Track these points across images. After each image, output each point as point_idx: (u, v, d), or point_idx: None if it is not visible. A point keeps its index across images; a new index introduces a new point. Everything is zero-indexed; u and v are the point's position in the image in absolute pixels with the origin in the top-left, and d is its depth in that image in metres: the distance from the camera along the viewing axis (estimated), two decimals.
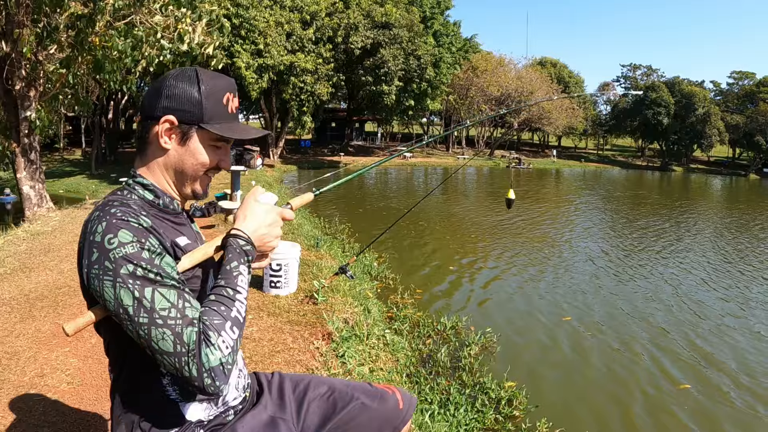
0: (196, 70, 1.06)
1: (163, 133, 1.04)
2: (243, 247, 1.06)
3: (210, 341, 0.94)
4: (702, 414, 4.10)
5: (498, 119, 40.28)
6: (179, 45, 6.68)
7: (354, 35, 25.38)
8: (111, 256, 0.92)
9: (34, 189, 8.00)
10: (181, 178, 1.09)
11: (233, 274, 1.03)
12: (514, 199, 3.63)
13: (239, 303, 1.01)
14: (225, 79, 1.09)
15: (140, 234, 0.95)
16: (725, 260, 9.81)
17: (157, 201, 1.08)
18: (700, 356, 5.19)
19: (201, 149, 1.07)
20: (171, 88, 1.04)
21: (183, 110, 1.03)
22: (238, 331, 0.99)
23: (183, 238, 1.09)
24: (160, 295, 0.93)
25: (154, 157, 1.08)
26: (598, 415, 4.01)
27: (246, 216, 1.10)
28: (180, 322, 0.93)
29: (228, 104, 1.08)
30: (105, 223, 0.94)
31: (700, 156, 54.73)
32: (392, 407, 1.31)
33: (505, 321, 5.84)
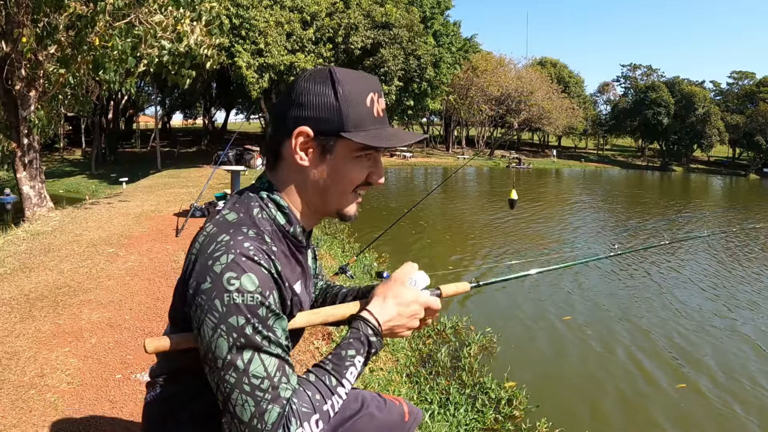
0: (330, 70, 0.91)
1: (298, 147, 0.91)
2: (369, 337, 0.93)
3: (290, 428, 0.82)
4: (702, 413, 4.11)
5: (498, 119, 40.31)
6: (178, 45, 6.68)
7: (354, 35, 25.39)
8: (225, 299, 0.81)
9: (34, 189, 8.00)
10: (324, 199, 0.95)
11: (345, 363, 0.90)
12: (516, 199, 3.64)
13: (337, 397, 0.89)
14: (367, 78, 0.95)
15: (265, 285, 0.84)
16: (725, 260, 9.82)
17: (288, 228, 0.95)
18: (699, 355, 5.19)
19: (346, 163, 0.93)
20: (303, 94, 0.89)
21: (319, 119, 0.89)
22: (322, 425, 0.87)
23: (299, 283, 0.98)
24: (259, 360, 0.82)
25: (290, 176, 0.94)
26: (598, 414, 4.01)
27: (387, 299, 0.96)
28: (268, 398, 0.82)
29: (373, 106, 0.93)
30: (232, 256, 0.82)
31: (700, 156, 54.76)
32: (398, 419, 1.31)
33: (505, 321, 5.84)
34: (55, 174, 18.58)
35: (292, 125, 0.90)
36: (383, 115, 0.95)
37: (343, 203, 0.97)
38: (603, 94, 58.63)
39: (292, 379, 0.86)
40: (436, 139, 47.72)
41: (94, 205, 8.59)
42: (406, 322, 0.97)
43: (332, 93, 0.88)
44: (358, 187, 0.97)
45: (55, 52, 7.26)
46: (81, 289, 3.92)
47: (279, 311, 0.86)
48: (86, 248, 5.27)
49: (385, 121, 0.96)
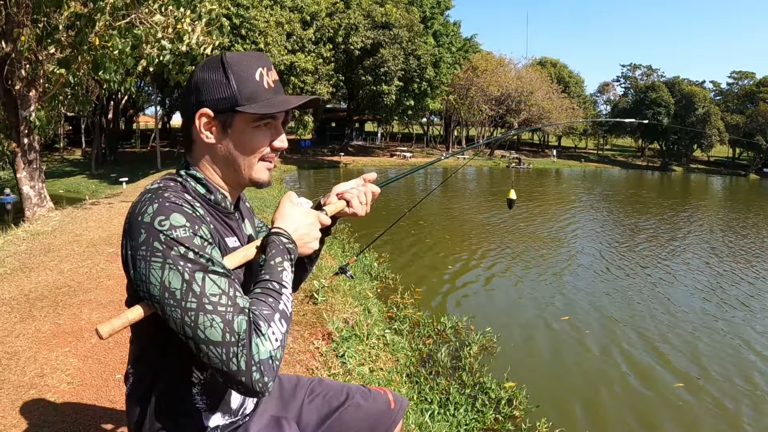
0: (221, 55, 1.00)
1: (202, 127, 0.99)
2: (286, 244, 1.02)
3: (261, 331, 0.88)
4: (700, 412, 4.11)
5: (498, 119, 40.32)
6: (179, 45, 6.68)
7: (354, 35, 25.39)
8: (161, 237, 0.87)
9: (34, 189, 8.00)
10: (234, 169, 1.04)
11: (278, 269, 0.98)
12: (515, 199, 3.61)
13: (286, 297, 0.96)
14: (255, 56, 1.02)
15: (193, 221, 0.91)
16: (723, 260, 9.82)
17: (209, 196, 1.03)
18: (698, 354, 5.19)
19: (246, 135, 1.01)
20: (199, 81, 0.99)
21: (216, 99, 0.98)
22: (286, 324, 0.94)
23: (232, 239, 1.05)
24: (211, 281, 0.88)
25: (202, 154, 1.03)
26: (598, 414, 4.01)
27: (284, 217, 1.06)
28: (231, 309, 0.87)
29: (263, 80, 1.00)
30: (157, 204, 0.90)
31: (700, 156, 54.75)
32: (384, 407, 1.34)
33: (505, 321, 5.84)
34: (55, 174, 18.58)
35: (195, 109, 0.99)
36: (275, 86, 1.02)
37: (253, 171, 1.04)
38: (603, 94, 58.64)
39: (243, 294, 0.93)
40: (436, 139, 47.71)
41: (94, 205, 8.59)
42: (309, 230, 1.07)
43: (224, 75, 0.97)
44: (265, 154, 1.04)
45: (55, 51, 7.26)
46: (81, 289, 3.92)
47: (212, 242, 0.93)
48: (86, 248, 5.27)
49: (277, 91, 1.03)
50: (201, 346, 0.86)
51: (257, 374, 0.86)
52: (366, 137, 44.39)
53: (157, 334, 0.96)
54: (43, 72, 7.47)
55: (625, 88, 55.95)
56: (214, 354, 0.86)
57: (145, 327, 0.96)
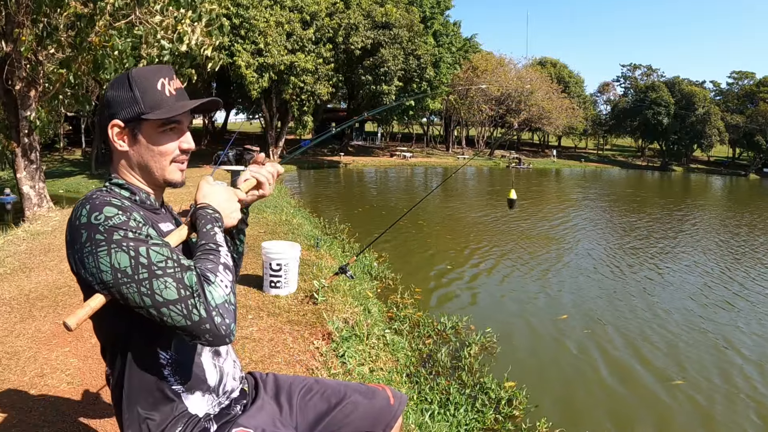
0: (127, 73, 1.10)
1: (115, 137, 1.09)
2: (212, 214, 1.12)
3: (210, 280, 0.98)
4: (699, 410, 4.11)
5: (498, 119, 40.31)
6: (179, 46, 6.68)
7: (354, 35, 25.37)
8: (101, 229, 0.95)
9: (34, 189, 8.00)
10: (149, 173, 1.13)
11: (211, 233, 1.08)
12: (515, 199, 3.64)
13: (225, 252, 1.06)
14: (156, 68, 1.12)
15: (125, 209, 0.99)
16: (722, 258, 9.82)
17: (134, 197, 1.12)
18: (698, 352, 5.19)
19: (153, 140, 1.10)
20: (109, 97, 1.10)
21: (124, 110, 1.08)
22: (231, 274, 1.03)
23: (165, 224, 1.16)
24: (154, 251, 0.96)
25: (119, 161, 1.13)
26: (598, 414, 4.01)
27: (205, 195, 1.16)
28: (178, 269, 0.96)
29: (164, 89, 1.10)
30: (88, 206, 0.98)
31: (700, 156, 54.75)
32: (384, 404, 1.35)
33: (506, 321, 5.84)
34: (55, 174, 18.57)
35: (107, 122, 1.09)
36: (176, 93, 1.12)
37: (166, 173, 1.13)
38: (603, 94, 58.63)
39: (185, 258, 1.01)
40: (436, 139, 47.70)
41: None
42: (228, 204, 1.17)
43: (129, 88, 1.08)
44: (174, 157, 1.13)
45: (55, 51, 7.26)
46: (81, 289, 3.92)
47: (146, 223, 1.01)
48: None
49: (180, 97, 1.12)
50: (162, 309, 0.94)
51: (218, 318, 0.95)
52: (366, 137, 44.38)
53: (118, 325, 1.04)
54: (43, 72, 7.47)
55: (625, 88, 55.96)
56: (176, 311, 0.94)
57: (106, 321, 1.04)
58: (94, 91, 10.64)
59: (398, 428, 1.38)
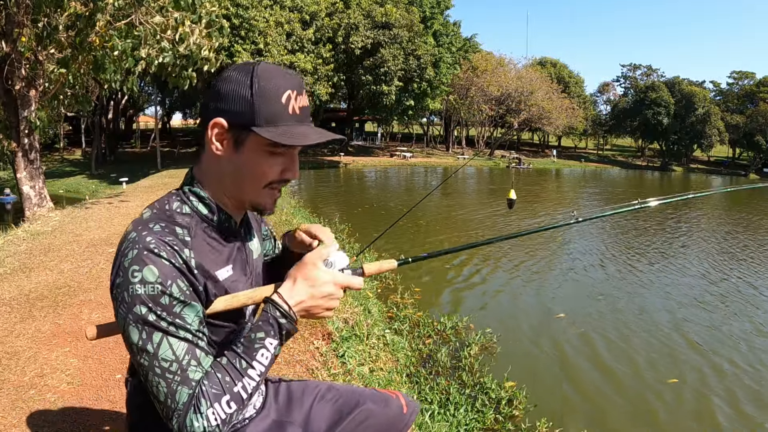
0: (254, 65, 0.93)
1: (213, 138, 0.93)
2: (278, 319, 0.94)
3: (199, 409, 0.88)
4: (694, 408, 4.11)
5: (498, 119, 40.32)
6: (179, 47, 6.68)
7: (354, 35, 25.39)
8: (130, 290, 0.87)
9: (34, 189, 8.00)
10: (239, 190, 0.98)
11: (255, 345, 0.92)
12: (515, 199, 3.61)
13: (248, 379, 0.92)
14: (288, 75, 0.95)
15: (167, 276, 0.88)
16: (720, 258, 9.82)
17: (212, 217, 0.98)
18: (699, 351, 5.19)
19: (257, 157, 0.94)
20: (224, 85, 0.92)
21: (234, 111, 0.91)
22: (235, 407, 0.91)
23: (225, 269, 0.99)
24: (167, 344, 0.88)
25: (209, 165, 0.98)
26: (598, 414, 4.01)
27: (298, 282, 0.96)
28: (177, 379, 0.88)
29: (289, 103, 0.93)
30: (137, 251, 0.87)
31: (700, 156, 54.76)
32: (397, 411, 1.32)
33: (506, 320, 5.84)
34: (55, 174, 18.57)
35: (211, 116, 0.93)
36: (300, 113, 0.95)
37: (257, 197, 0.98)
38: (603, 94, 58.64)
39: (204, 362, 0.91)
40: (436, 139, 47.70)
41: (94, 205, 8.59)
42: (321, 303, 0.97)
43: (248, 86, 0.90)
44: (272, 182, 0.97)
45: (55, 51, 7.26)
46: (81, 289, 3.92)
47: (186, 299, 0.90)
48: (86, 248, 5.27)
49: (302, 119, 0.96)
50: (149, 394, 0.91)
51: None
52: (366, 137, 44.39)
53: None
54: (43, 72, 7.48)
55: (625, 88, 55.96)
56: (156, 406, 0.90)
57: None
58: (93, 91, 10.65)
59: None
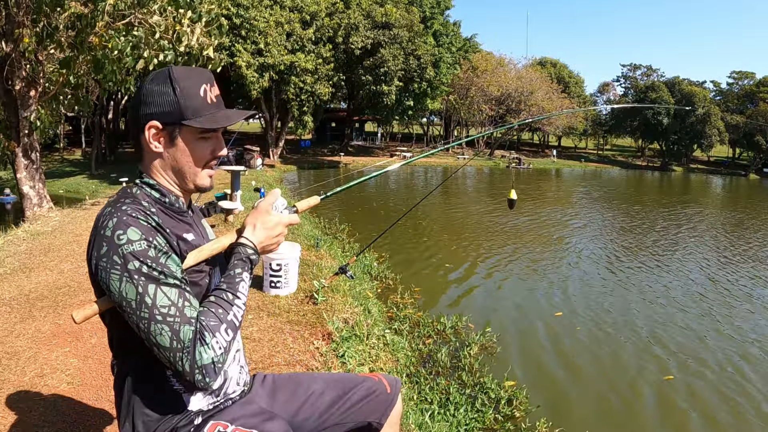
0: (169, 70, 1.07)
1: (151, 138, 1.08)
2: (250, 255, 1.12)
3: (205, 340, 0.99)
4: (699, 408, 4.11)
5: (498, 119, 40.29)
6: (178, 46, 6.68)
7: (354, 35, 25.38)
8: (120, 251, 0.97)
9: (34, 189, 7.99)
10: (181, 176, 1.13)
11: (236, 280, 1.08)
12: (515, 199, 3.61)
13: (237, 308, 1.06)
14: (199, 72, 1.11)
15: (148, 232, 1.00)
16: (713, 257, 9.82)
17: (164, 199, 1.12)
18: (696, 350, 5.20)
19: (191, 145, 1.10)
20: (148, 94, 1.06)
21: (163, 113, 1.06)
22: (232, 333, 1.04)
23: (190, 234, 1.14)
24: (162, 293, 0.98)
25: (152, 161, 1.12)
26: (598, 414, 4.02)
27: (257, 225, 1.15)
28: (178, 320, 0.98)
29: (206, 95, 1.09)
30: (116, 219, 0.99)
31: (700, 156, 54.72)
32: (381, 393, 1.39)
33: (506, 320, 5.84)
34: (55, 174, 18.56)
35: (144, 121, 1.07)
36: (216, 101, 1.12)
37: (197, 178, 1.14)
38: (603, 94, 58.56)
39: (193, 302, 1.02)
40: (436, 139, 47.67)
41: (94, 205, 8.59)
42: (275, 240, 1.17)
43: (171, 90, 1.05)
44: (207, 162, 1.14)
45: (55, 52, 7.25)
46: (81, 289, 3.92)
47: (168, 251, 1.02)
48: (86, 248, 5.26)
49: (219, 106, 1.12)
50: (153, 348, 0.99)
51: (200, 376, 0.99)
52: (366, 137, 44.35)
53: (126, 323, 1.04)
54: (43, 72, 7.47)
55: (625, 88, 55.87)
56: (164, 356, 0.98)
57: (116, 318, 1.06)
58: (94, 91, 10.65)
59: (398, 413, 1.43)
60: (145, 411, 1.09)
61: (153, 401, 1.09)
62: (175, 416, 1.11)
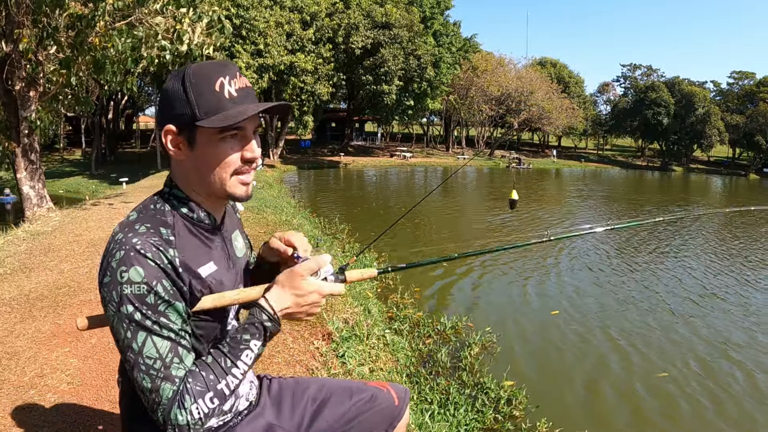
0: (185, 68, 0.97)
1: (169, 144, 0.98)
2: (264, 323, 0.99)
3: (183, 404, 0.92)
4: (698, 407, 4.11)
5: (498, 119, 40.30)
6: (178, 46, 6.68)
7: (354, 35, 25.40)
8: (118, 290, 0.91)
9: (34, 189, 8.00)
10: (207, 184, 1.01)
11: (240, 346, 0.97)
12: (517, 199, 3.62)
13: (232, 377, 0.97)
14: (217, 65, 0.98)
15: (152, 275, 0.92)
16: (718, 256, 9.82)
17: (192, 216, 1.03)
18: (696, 350, 5.20)
19: (212, 149, 0.97)
20: (163, 96, 0.98)
21: (177, 114, 0.96)
22: (218, 402, 0.95)
23: (209, 265, 1.03)
24: (151, 343, 0.92)
25: (176, 169, 1.03)
26: (598, 414, 4.01)
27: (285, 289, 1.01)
28: (161, 375, 0.92)
29: (223, 89, 0.96)
30: (123, 252, 0.91)
31: (700, 156, 54.73)
32: (389, 404, 1.34)
33: (506, 320, 5.84)
34: (55, 174, 18.56)
35: (161, 125, 0.98)
36: (237, 96, 0.97)
37: (227, 187, 1.01)
38: (603, 94, 58.60)
39: (186, 360, 0.95)
40: (436, 139, 47.68)
41: (94, 205, 8.59)
42: (304, 309, 1.03)
43: (181, 88, 0.95)
44: (236, 168, 1.00)
45: (55, 52, 7.26)
46: (81, 289, 3.92)
47: (170, 298, 0.94)
48: (86, 248, 5.27)
49: (243, 99, 0.98)
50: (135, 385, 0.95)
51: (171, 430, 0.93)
52: (366, 137, 44.37)
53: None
54: (43, 72, 7.47)
55: (625, 88, 55.91)
56: (143, 399, 0.94)
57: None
58: (94, 91, 10.66)
59: (404, 424, 1.38)
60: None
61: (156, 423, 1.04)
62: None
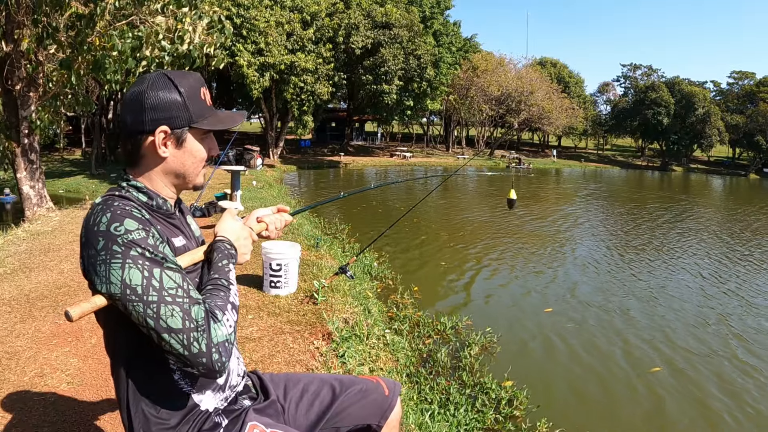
0: (166, 75, 1.09)
1: (160, 143, 1.09)
2: (229, 250, 1.17)
3: (217, 317, 1.01)
4: (699, 406, 4.11)
5: (498, 119, 40.29)
6: (179, 45, 6.68)
7: (354, 35, 25.39)
8: (119, 240, 0.97)
9: (34, 189, 8.00)
10: (183, 178, 1.15)
11: (225, 270, 1.13)
12: (515, 199, 3.61)
13: (234, 292, 1.10)
14: (194, 76, 1.15)
15: (144, 223, 1.01)
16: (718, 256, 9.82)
17: (151, 202, 1.12)
18: (697, 350, 5.20)
19: (197, 146, 1.14)
20: (152, 99, 1.07)
21: (172, 117, 1.08)
22: (236, 314, 1.07)
23: (178, 238, 1.16)
24: (167, 276, 0.98)
25: (150, 167, 1.12)
26: (599, 414, 4.01)
27: (227, 229, 1.21)
28: (187, 300, 0.98)
29: (205, 98, 1.14)
30: (109, 214, 0.99)
31: (700, 156, 54.72)
32: (379, 395, 1.40)
33: (506, 320, 5.84)
34: (55, 174, 18.55)
35: (151, 127, 1.07)
36: (211, 103, 1.17)
37: (197, 178, 1.18)
38: (603, 94, 58.60)
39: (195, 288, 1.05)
40: (436, 139, 47.68)
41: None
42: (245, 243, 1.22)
43: (178, 95, 1.08)
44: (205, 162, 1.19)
45: (55, 52, 7.25)
46: (81, 289, 3.92)
47: (163, 240, 1.04)
48: None
49: (214, 107, 1.18)
50: (163, 335, 0.96)
51: (216, 355, 0.98)
52: (366, 137, 44.35)
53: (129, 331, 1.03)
54: (43, 72, 7.47)
55: (625, 88, 55.88)
56: (176, 340, 0.96)
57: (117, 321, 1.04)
58: (94, 91, 10.66)
59: (397, 416, 1.42)
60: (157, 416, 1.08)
61: (163, 405, 1.08)
62: (191, 419, 1.10)
